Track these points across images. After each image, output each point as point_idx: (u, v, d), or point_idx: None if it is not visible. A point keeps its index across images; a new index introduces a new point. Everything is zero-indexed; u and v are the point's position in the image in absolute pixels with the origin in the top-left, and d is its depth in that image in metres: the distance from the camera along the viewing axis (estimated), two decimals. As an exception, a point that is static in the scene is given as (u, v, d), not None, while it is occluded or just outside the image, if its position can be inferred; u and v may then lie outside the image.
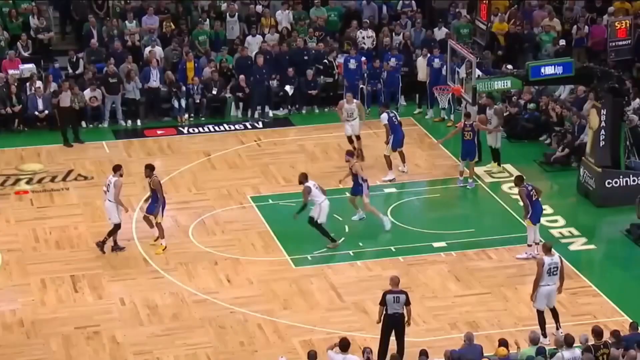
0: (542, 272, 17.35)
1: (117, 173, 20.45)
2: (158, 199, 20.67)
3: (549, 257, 17.49)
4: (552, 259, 17.49)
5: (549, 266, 17.40)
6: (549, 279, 17.47)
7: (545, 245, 17.81)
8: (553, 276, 17.49)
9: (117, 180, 20.33)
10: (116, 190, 20.23)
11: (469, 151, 23.29)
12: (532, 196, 20.21)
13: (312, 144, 25.87)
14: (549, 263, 17.41)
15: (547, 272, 17.40)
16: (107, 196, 20.39)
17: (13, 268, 20.14)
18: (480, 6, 27.29)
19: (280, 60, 28.28)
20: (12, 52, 27.61)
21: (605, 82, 22.52)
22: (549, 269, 17.40)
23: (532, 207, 20.15)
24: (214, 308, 18.77)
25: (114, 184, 20.28)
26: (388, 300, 16.63)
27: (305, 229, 21.34)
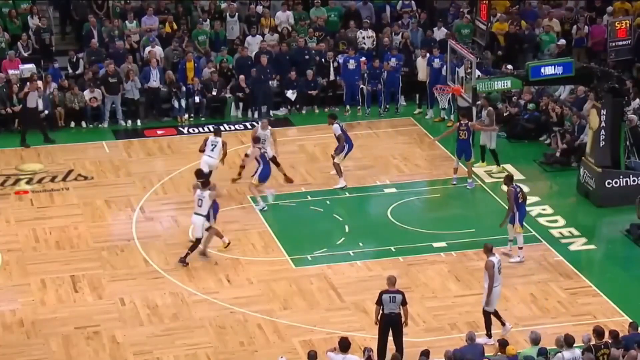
0: (494, 273, 17.34)
1: (206, 188, 20.13)
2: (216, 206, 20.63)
3: (494, 257, 17.49)
4: (497, 258, 17.53)
5: (497, 265, 17.43)
6: (499, 278, 17.48)
7: (487, 246, 17.70)
8: (499, 275, 17.52)
9: (210, 193, 20.01)
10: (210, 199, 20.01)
11: (463, 150, 23.27)
12: (518, 198, 20.18)
13: (312, 144, 25.87)
14: (497, 262, 17.44)
15: (498, 271, 17.41)
16: (199, 210, 19.99)
17: (13, 268, 20.14)
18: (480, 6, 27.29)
19: (280, 60, 28.28)
20: (12, 52, 27.61)
21: (605, 82, 22.52)
22: (498, 267, 17.43)
23: (518, 209, 20.11)
24: (214, 308, 18.77)
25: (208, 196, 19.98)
26: (384, 300, 16.64)
27: (305, 229, 21.36)
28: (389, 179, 23.96)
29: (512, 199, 20.08)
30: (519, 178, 24.01)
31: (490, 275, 17.35)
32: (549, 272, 19.94)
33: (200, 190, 20.14)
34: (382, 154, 25.23)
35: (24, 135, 25.81)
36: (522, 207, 20.29)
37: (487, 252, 17.60)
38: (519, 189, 20.37)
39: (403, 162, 24.94)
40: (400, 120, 27.57)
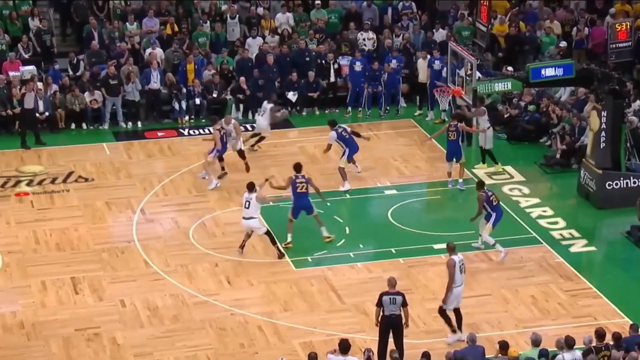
0: (455, 272, 17.31)
1: (252, 191, 20.25)
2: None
3: (456, 256, 17.46)
4: (459, 257, 17.50)
5: (459, 264, 17.40)
6: (460, 278, 17.45)
7: (449, 245, 17.68)
8: (462, 274, 17.49)
9: (256, 196, 20.18)
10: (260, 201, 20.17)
11: (453, 152, 23.21)
12: (492, 201, 20.19)
13: (312, 145, 25.85)
14: (458, 261, 17.42)
15: (460, 271, 17.39)
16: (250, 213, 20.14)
17: (13, 270, 20.12)
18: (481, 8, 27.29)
19: (281, 62, 28.27)
20: (12, 54, 27.60)
21: (605, 84, 22.51)
22: (460, 267, 17.41)
23: (493, 212, 20.17)
24: (214, 310, 18.75)
25: (255, 199, 20.12)
26: (384, 302, 16.62)
27: (305, 231, 21.33)
28: (390, 181, 23.95)
29: (481, 203, 20.17)
30: (520, 179, 24.06)
31: (450, 274, 17.33)
32: (549, 274, 19.92)
33: (248, 193, 20.27)
34: (382, 156, 25.22)
35: (23, 137, 25.81)
36: (498, 210, 20.30)
37: (449, 251, 17.56)
38: (490, 192, 20.39)
39: (403, 163, 24.93)
40: (401, 122, 27.56)
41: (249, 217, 20.23)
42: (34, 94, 25.84)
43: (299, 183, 20.94)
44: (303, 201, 21.00)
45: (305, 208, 21.07)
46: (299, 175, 21.06)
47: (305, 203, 21.03)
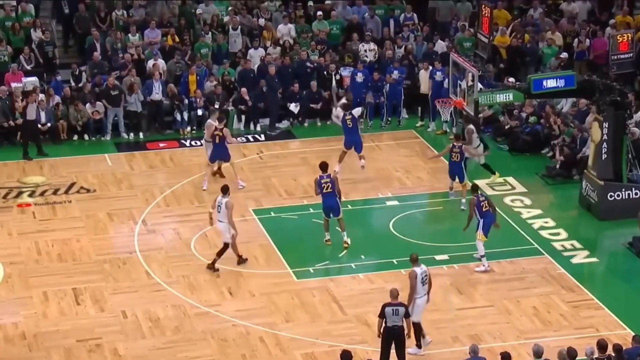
0: (417, 283, 17.29)
1: (226, 194, 20.14)
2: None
3: (418, 268, 17.42)
4: (422, 268, 17.44)
5: (421, 276, 17.36)
6: (423, 289, 17.42)
7: (412, 256, 17.59)
8: (426, 285, 17.46)
9: (228, 201, 20.01)
10: (229, 211, 19.94)
11: (455, 173, 22.97)
12: (482, 207, 20.15)
13: (314, 156, 25.83)
14: (420, 273, 17.37)
15: (421, 282, 17.37)
16: (219, 217, 20.08)
17: (15, 281, 20.11)
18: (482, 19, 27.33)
19: (283, 73, 28.30)
20: (14, 65, 27.64)
21: (607, 95, 22.52)
22: (422, 278, 17.37)
23: (482, 217, 20.12)
24: (216, 321, 18.73)
25: (225, 205, 19.97)
26: (387, 313, 16.61)
27: (307, 241, 21.33)
28: (391, 192, 23.95)
29: (472, 207, 20.16)
30: (521, 190, 24.05)
31: (411, 286, 17.31)
32: (551, 285, 19.90)
33: (220, 197, 20.22)
34: (384, 167, 25.22)
35: (25, 148, 25.83)
36: (488, 216, 20.23)
37: (412, 262, 17.51)
38: (483, 197, 20.37)
39: (405, 174, 24.94)
40: (402, 133, 27.58)
41: (220, 220, 20.14)
42: (35, 105, 25.88)
43: (324, 183, 20.95)
44: (329, 201, 20.97)
45: (332, 209, 21.02)
46: (324, 175, 21.06)
47: (331, 203, 20.97)
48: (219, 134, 23.80)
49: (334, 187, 20.98)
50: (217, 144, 23.79)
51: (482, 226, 20.17)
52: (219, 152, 23.85)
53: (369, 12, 30.61)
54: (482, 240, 20.20)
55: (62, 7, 30.30)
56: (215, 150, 23.84)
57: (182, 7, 30.56)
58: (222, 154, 23.90)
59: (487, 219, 20.22)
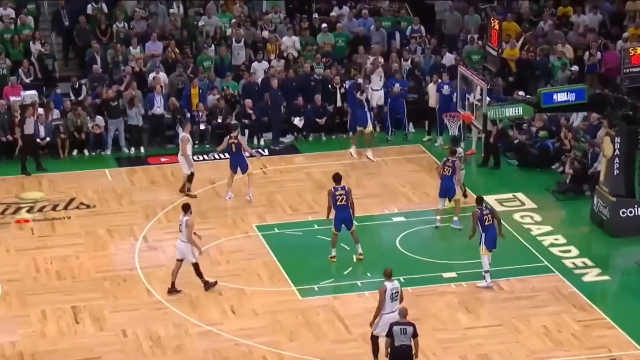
0: (385, 298, 17.28)
1: (187, 212, 20.04)
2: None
3: (390, 283, 17.39)
4: (393, 284, 17.41)
5: (390, 292, 17.33)
6: (391, 305, 17.37)
7: (385, 271, 17.58)
8: (395, 302, 17.41)
9: (188, 220, 19.90)
10: (188, 230, 19.83)
11: (447, 188, 22.64)
12: (484, 220, 20.13)
13: (319, 171, 25.87)
14: (390, 289, 17.34)
15: (390, 298, 17.33)
16: (180, 236, 19.98)
17: (13, 299, 20.11)
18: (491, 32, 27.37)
19: (287, 86, 28.35)
20: (13, 79, 27.71)
21: (619, 109, 22.51)
22: (391, 294, 17.34)
23: (484, 231, 20.09)
24: (218, 340, 18.71)
25: (185, 223, 19.86)
26: (395, 332, 16.59)
27: (311, 258, 21.31)
28: (398, 208, 23.95)
29: (474, 219, 20.16)
30: (531, 207, 24.03)
31: (379, 301, 17.31)
32: (562, 304, 19.86)
33: (182, 215, 20.07)
34: (390, 182, 25.22)
35: (24, 163, 25.87)
36: (490, 230, 20.19)
37: (385, 277, 17.49)
38: (486, 210, 20.31)
39: (412, 190, 24.94)
40: (409, 148, 27.60)
41: (181, 240, 19.99)
42: (33, 120, 25.92)
43: (339, 195, 20.95)
44: (343, 214, 20.97)
45: (345, 221, 21.02)
46: (338, 187, 21.04)
47: (345, 216, 20.99)
48: (235, 142, 23.91)
49: (347, 199, 20.98)
50: (234, 153, 23.95)
51: (485, 240, 20.15)
52: (237, 161, 23.96)
53: (375, 24, 30.69)
54: (486, 255, 20.18)
55: (62, 20, 30.40)
56: (234, 159, 23.99)
57: (184, 20, 30.66)
58: (241, 163, 23.96)
59: (490, 232, 20.18)
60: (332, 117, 28.42)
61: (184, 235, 19.90)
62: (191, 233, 19.88)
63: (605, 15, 31.85)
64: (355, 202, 22.54)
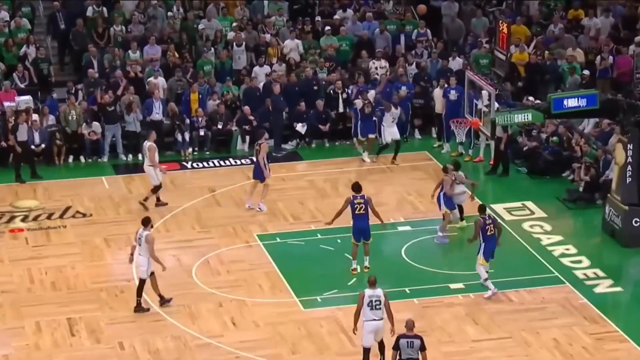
0: (362, 305, 17.34)
1: (147, 226, 19.83)
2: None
3: (370, 290, 17.45)
4: (374, 292, 17.42)
5: (369, 299, 17.36)
6: (371, 313, 17.39)
7: (369, 279, 17.65)
8: (377, 310, 17.42)
9: (148, 235, 19.68)
10: (149, 245, 19.60)
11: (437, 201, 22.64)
12: (487, 230, 20.10)
13: (321, 179, 25.87)
14: (369, 295, 17.38)
15: (369, 306, 17.35)
16: (139, 250, 19.73)
17: (6, 310, 20.10)
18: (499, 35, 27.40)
19: (289, 91, 28.36)
20: (7, 83, 27.73)
21: (631, 115, 22.48)
22: (370, 301, 17.35)
23: (484, 241, 20.08)
24: (218, 352, 18.69)
25: (145, 238, 19.65)
26: (402, 345, 16.57)
27: (314, 269, 21.29)
28: (403, 217, 23.94)
29: (477, 228, 20.18)
30: (541, 216, 24.02)
31: (358, 306, 17.42)
32: (573, 316, 19.83)
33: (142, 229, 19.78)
34: (396, 190, 25.21)
35: (18, 171, 25.88)
36: (490, 241, 20.17)
37: (369, 284, 17.57)
38: (489, 220, 20.28)
39: (418, 198, 24.93)
40: (416, 155, 27.60)
41: (140, 254, 19.73)
42: (26, 126, 25.90)
43: (357, 204, 20.90)
44: (361, 224, 20.92)
45: (363, 232, 20.98)
46: (357, 196, 20.99)
47: (362, 226, 20.94)
48: (257, 149, 23.91)
49: (367, 209, 20.95)
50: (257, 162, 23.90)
51: (484, 250, 20.15)
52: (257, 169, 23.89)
53: (379, 28, 30.71)
54: (482, 265, 20.15)
55: (58, 23, 30.44)
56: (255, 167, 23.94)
57: (183, 23, 30.69)
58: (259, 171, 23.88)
59: (489, 243, 20.17)
60: (336, 123, 28.40)
61: (144, 250, 19.56)
62: (152, 248, 19.56)
63: (618, 19, 31.85)
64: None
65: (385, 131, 26.71)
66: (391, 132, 26.67)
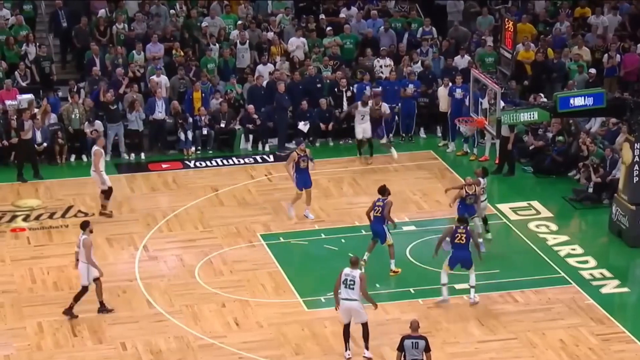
0: (339, 282, 17.92)
1: (85, 230, 19.61)
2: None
3: (348, 269, 17.93)
4: (351, 272, 17.89)
5: (345, 277, 17.84)
6: (344, 292, 17.84)
7: (350, 258, 18.10)
8: (349, 289, 17.80)
9: (85, 239, 19.47)
10: (86, 250, 19.39)
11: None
12: (455, 238, 19.86)
13: (325, 178, 25.88)
14: (345, 274, 17.90)
15: (343, 284, 17.86)
16: (80, 256, 19.53)
17: (8, 311, 20.12)
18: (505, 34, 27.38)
19: (292, 90, 28.37)
20: (9, 82, 27.76)
21: (638, 114, 22.47)
22: (345, 279, 17.82)
23: (452, 249, 19.97)
24: (221, 353, 18.71)
25: (82, 243, 19.44)
26: (406, 346, 16.57)
27: (318, 269, 21.30)
28: (408, 216, 23.95)
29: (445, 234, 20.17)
30: (547, 215, 24.02)
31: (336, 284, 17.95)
32: (579, 317, 19.82)
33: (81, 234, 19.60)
34: (400, 189, 25.19)
35: (20, 169, 25.91)
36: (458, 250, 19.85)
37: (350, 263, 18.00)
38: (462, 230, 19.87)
39: (423, 198, 24.93)
40: (420, 154, 27.60)
41: (80, 260, 19.56)
42: (31, 123, 25.93)
43: (377, 206, 21.10)
44: (375, 226, 21.13)
45: (377, 234, 21.13)
46: (380, 198, 21.16)
47: (376, 229, 21.14)
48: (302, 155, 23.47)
49: (382, 212, 21.03)
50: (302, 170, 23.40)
51: (449, 257, 20.04)
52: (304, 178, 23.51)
53: (384, 26, 30.71)
54: (445, 270, 20.02)
55: (60, 21, 30.46)
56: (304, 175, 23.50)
57: (187, 21, 30.70)
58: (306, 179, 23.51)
59: (456, 251, 19.95)
60: (340, 122, 28.39)
61: (82, 255, 19.46)
62: (89, 253, 19.41)
63: (625, 16, 31.83)
64: (363, 210, 22.55)
65: (356, 128, 26.64)
66: (363, 128, 26.58)
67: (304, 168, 23.36)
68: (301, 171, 23.36)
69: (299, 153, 23.40)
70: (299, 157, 23.30)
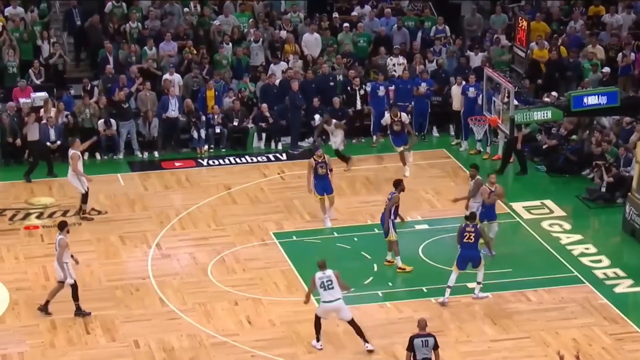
0: (313, 288, 18.36)
1: (63, 231, 19.59)
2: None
3: (320, 273, 18.28)
4: (324, 274, 18.23)
5: (320, 281, 18.20)
6: (327, 294, 18.23)
7: (318, 262, 18.40)
8: (330, 290, 18.20)
9: (61, 239, 19.37)
10: (61, 250, 19.20)
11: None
12: (464, 236, 19.89)
13: (338, 177, 25.85)
14: (319, 277, 18.22)
15: (321, 287, 18.20)
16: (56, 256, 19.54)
17: (22, 308, 20.20)
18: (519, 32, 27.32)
19: (305, 88, 28.37)
20: (23, 82, 27.78)
21: (653, 113, 22.46)
22: (322, 283, 18.19)
23: (460, 248, 19.95)
24: (233, 351, 18.74)
25: (58, 242, 19.32)
26: (416, 345, 16.58)
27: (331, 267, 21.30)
28: (421, 215, 23.94)
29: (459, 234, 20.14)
30: (560, 214, 23.99)
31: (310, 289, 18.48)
32: (592, 316, 19.80)
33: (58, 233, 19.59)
34: (413, 188, 25.15)
35: (31, 169, 25.87)
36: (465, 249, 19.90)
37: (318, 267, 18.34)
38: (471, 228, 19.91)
39: (435, 196, 24.92)
40: (433, 152, 27.59)
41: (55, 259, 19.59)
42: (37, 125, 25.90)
43: (387, 200, 21.32)
44: (381, 219, 21.39)
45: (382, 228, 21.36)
46: (390, 192, 21.37)
47: (381, 221, 21.42)
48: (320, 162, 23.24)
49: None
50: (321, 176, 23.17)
51: (458, 256, 20.00)
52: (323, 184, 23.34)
53: (397, 24, 30.70)
54: (454, 270, 20.01)
55: (74, 19, 30.54)
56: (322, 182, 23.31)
57: (200, 19, 30.74)
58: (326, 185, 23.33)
59: (464, 250, 19.94)
60: (353, 120, 28.39)
61: (56, 254, 19.44)
62: (62, 253, 19.35)
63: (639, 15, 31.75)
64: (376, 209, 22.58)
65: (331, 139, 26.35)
66: (334, 141, 26.19)
67: (323, 174, 23.19)
68: (319, 177, 23.19)
69: (316, 159, 23.28)
70: (317, 164, 23.18)
